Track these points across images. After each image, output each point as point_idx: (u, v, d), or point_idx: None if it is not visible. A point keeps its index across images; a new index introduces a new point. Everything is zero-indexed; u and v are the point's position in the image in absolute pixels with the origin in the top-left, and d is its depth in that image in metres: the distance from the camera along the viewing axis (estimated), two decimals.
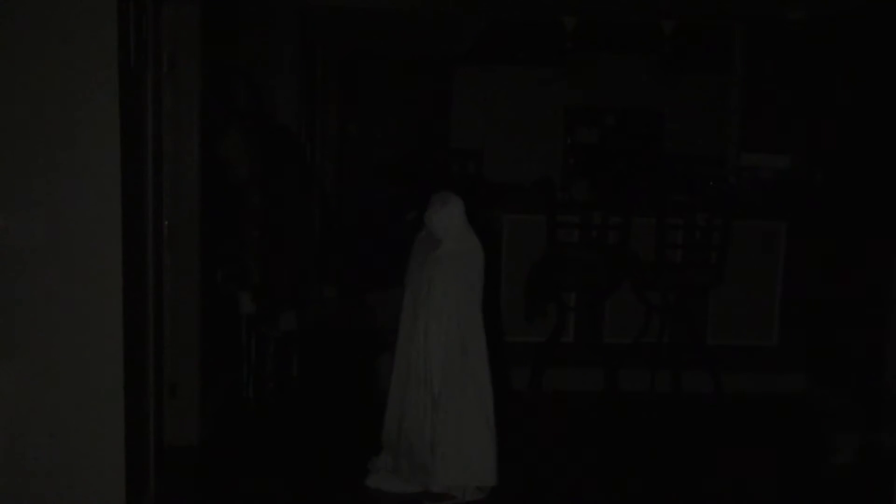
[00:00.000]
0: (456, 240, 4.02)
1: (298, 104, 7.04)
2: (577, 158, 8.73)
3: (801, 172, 6.21)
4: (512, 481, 4.40)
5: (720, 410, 5.49)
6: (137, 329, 3.51)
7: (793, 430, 5.32)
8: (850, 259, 5.42)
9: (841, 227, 5.56)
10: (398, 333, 4.18)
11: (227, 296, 5.19)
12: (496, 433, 4.00)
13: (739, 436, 5.19)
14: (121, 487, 3.36)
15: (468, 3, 6.93)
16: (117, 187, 3.21)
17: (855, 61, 5.50)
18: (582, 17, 7.56)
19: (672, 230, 5.43)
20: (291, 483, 4.28)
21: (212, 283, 4.91)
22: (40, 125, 3.16)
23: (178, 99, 4.41)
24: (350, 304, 7.68)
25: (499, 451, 4.03)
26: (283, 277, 5.40)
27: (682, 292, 5.51)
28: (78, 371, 3.27)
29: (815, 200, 5.89)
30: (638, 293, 5.53)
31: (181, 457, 4.40)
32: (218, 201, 4.92)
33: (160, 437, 3.93)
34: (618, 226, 5.30)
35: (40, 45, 3.12)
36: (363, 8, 7.04)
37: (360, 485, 4.27)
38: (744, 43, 7.71)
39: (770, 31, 7.13)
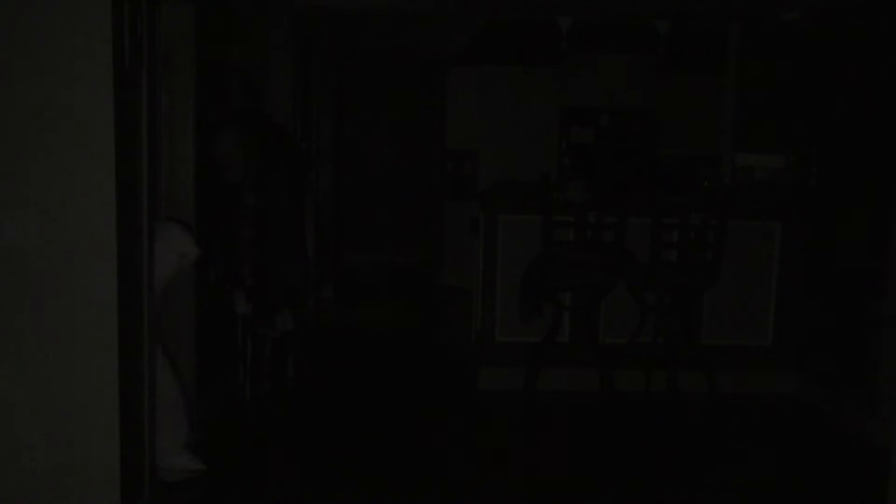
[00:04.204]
0: None
1: (293, 104, 7.03)
2: (573, 158, 8.72)
3: (797, 172, 6.21)
4: (510, 481, 4.41)
5: (715, 410, 5.50)
6: (133, 329, 3.50)
7: (788, 429, 5.33)
8: (846, 259, 5.43)
9: (836, 227, 5.57)
10: None
11: (222, 296, 5.19)
12: None
13: (734, 436, 5.20)
14: (116, 490, 3.35)
15: (463, 3, 6.93)
16: (112, 187, 3.20)
17: (850, 61, 5.51)
18: (577, 17, 7.56)
19: (667, 230, 5.44)
20: (287, 484, 4.28)
21: (206, 283, 4.91)
22: (35, 125, 3.15)
23: (173, 99, 4.41)
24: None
25: None
26: (277, 278, 5.39)
27: (677, 292, 5.52)
28: (73, 372, 3.26)
29: (810, 200, 5.90)
30: (633, 293, 5.53)
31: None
32: (212, 201, 4.91)
33: (156, 438, 3.92)
34: (613, 225, 5.30)
35: (34, 44, 3.11)
36: (359, 8, 7.03)
37: (358, 485, 4.27)
38: (739, 43, 7.72)
39: (765, 32, 7.14)
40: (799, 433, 5.26)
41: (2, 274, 3.19)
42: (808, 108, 6.10)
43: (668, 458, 4.80)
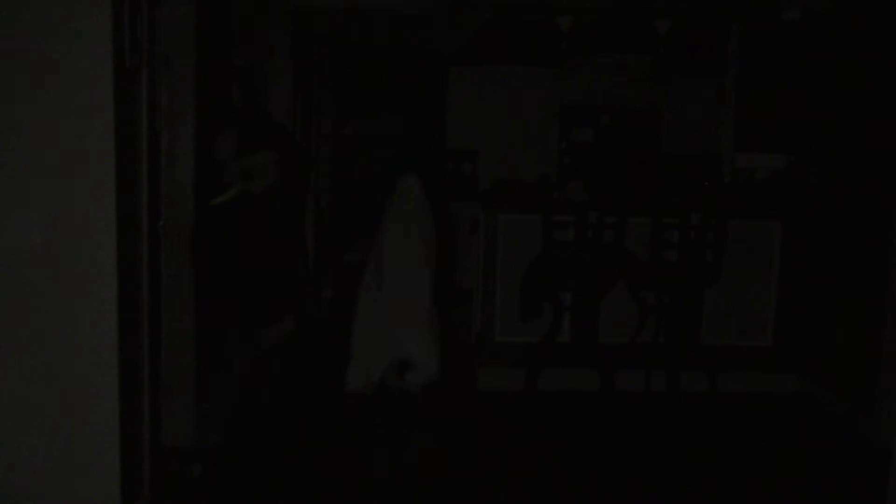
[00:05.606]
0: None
1: (293, 104, 7.03)
2: (573, 158, 8.73)
3: (797, 172, 6.22)
4: (509, 481, 4.41)
5: (715, 410, 5.50)
6: (133, 329, 3.50)
7: (788, 429, 5.33)
8: (846, 258, 5.43)
9: (836, 227, 5.57)
10: None
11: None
12: None
13: (734, 435, 5.20)
14: (115, 489, 3.36)
15: (463, 3, 6.93)
16: (112, 187, 3.21)
17: (849, 61, 5.51)
18: (577, 17, 7.56)
19: (667, 230, 5.44)
20: (286, 484, 4.28)
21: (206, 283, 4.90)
22: (35, 125, 3.16)
23: (174, 98, 4.41)
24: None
25: None
26: (277, 278, 5.37)
27: (677, 292, 5.52)
28: (73, 372, 3.26)
29: (810, 200, 5.90)
30: (633, 293, 5.53)
31: (176, 457, 4.40)
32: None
33: (156, 438, 3.92)
34: (613, 225, 5.30)
35: (35, 45, 3.12)
36: (359, 8, 7.03)
37: (357, 484, 4.27)
38: (739, 43, 7.72)
39: (765, 32, 7.14)
40: (799, 433, 5.26)
41: (2, 274, 3.19)
42: (808, 108, 6.10)
43: (668, 458, 4.80)
